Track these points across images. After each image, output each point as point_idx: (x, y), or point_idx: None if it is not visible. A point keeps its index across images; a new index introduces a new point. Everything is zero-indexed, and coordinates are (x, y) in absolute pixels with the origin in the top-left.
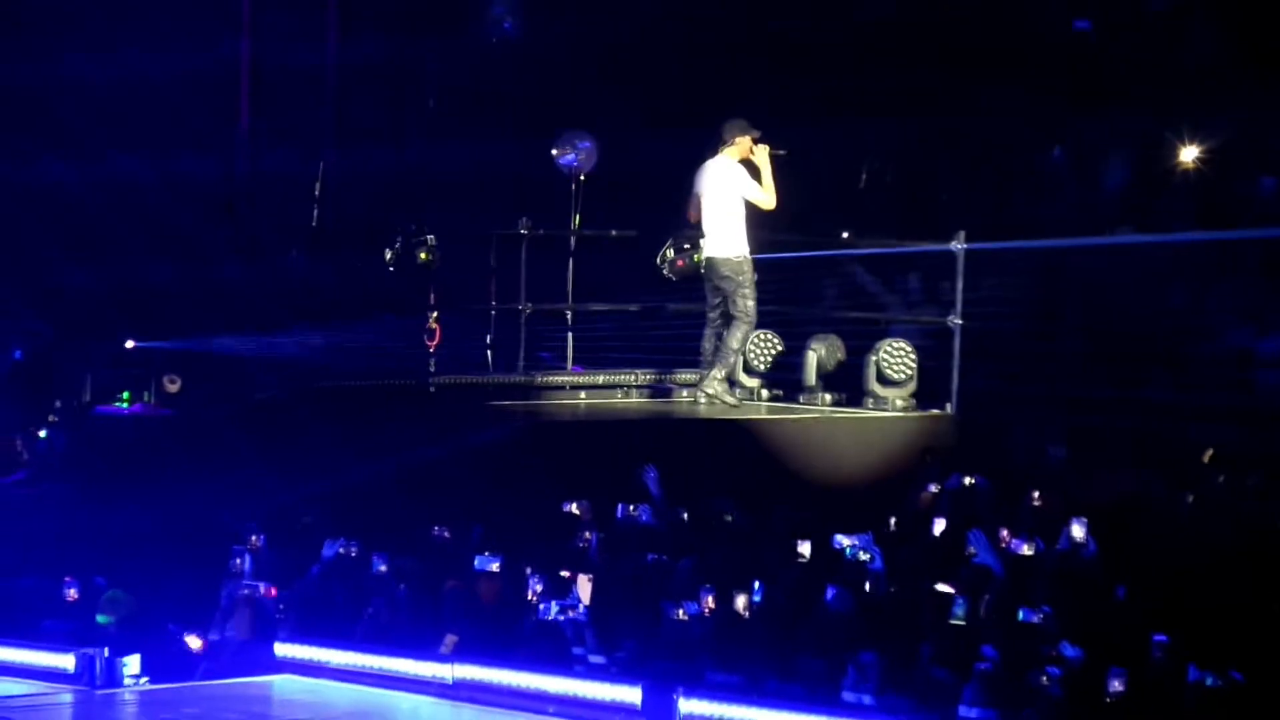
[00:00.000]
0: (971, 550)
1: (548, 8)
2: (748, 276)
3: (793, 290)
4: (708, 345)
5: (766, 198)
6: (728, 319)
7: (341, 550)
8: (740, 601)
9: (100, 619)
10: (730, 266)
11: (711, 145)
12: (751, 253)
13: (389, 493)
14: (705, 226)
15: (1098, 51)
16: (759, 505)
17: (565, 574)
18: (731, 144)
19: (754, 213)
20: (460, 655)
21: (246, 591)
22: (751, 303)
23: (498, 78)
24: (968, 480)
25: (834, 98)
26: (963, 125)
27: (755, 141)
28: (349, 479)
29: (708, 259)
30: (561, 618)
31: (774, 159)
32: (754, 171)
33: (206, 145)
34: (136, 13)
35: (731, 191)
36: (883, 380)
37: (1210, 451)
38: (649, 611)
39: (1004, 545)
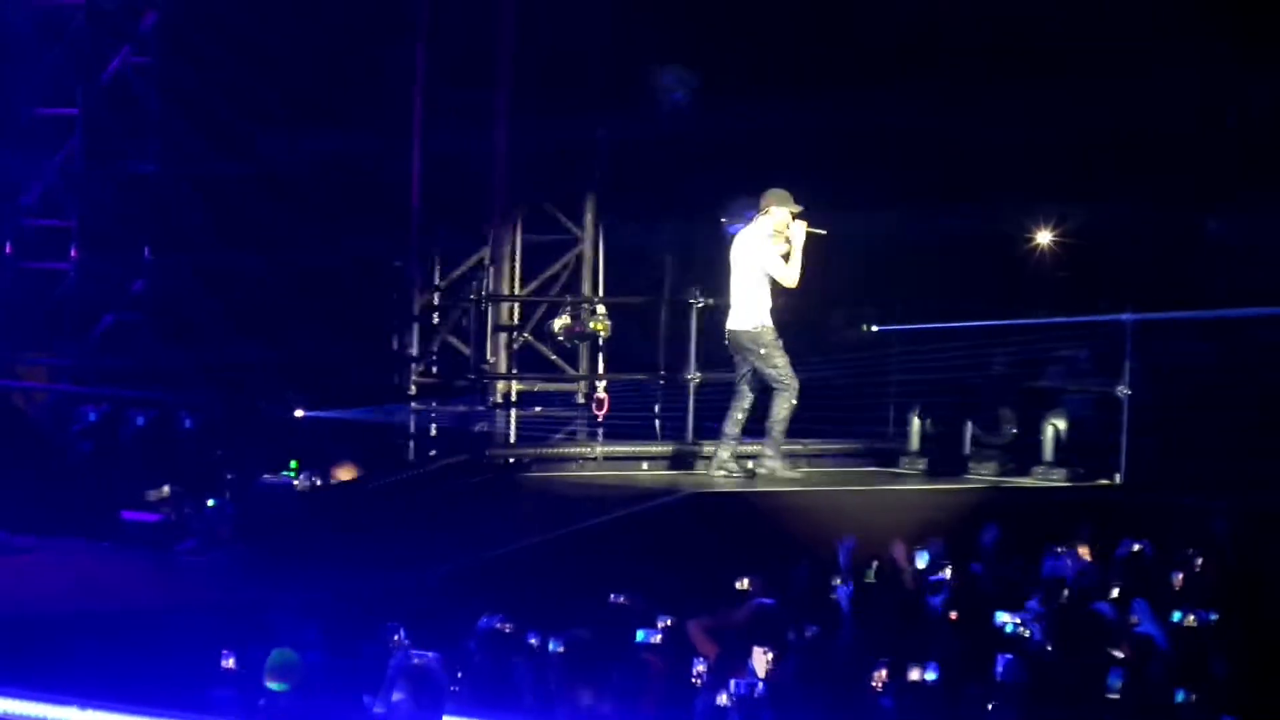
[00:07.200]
0: (1135, 619)
1: None
2: (770, 342)
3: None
4: (738, 416)
5: (790, 275)
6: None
7: (498, 625)
8: (914, 675)
9: (273, 685)
10: (749, 337)
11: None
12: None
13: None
14: (731, 298)
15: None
16: None
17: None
18: (767, 213)
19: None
20: None
21: (416, 662)
22: (782, 368)
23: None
24: (1135, 547)
25: None
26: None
27: (794, 217)
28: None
29: (729, 331)
30: None
31: (810, 237)
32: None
33: None
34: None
35: (756, 265)
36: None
37: None
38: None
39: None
